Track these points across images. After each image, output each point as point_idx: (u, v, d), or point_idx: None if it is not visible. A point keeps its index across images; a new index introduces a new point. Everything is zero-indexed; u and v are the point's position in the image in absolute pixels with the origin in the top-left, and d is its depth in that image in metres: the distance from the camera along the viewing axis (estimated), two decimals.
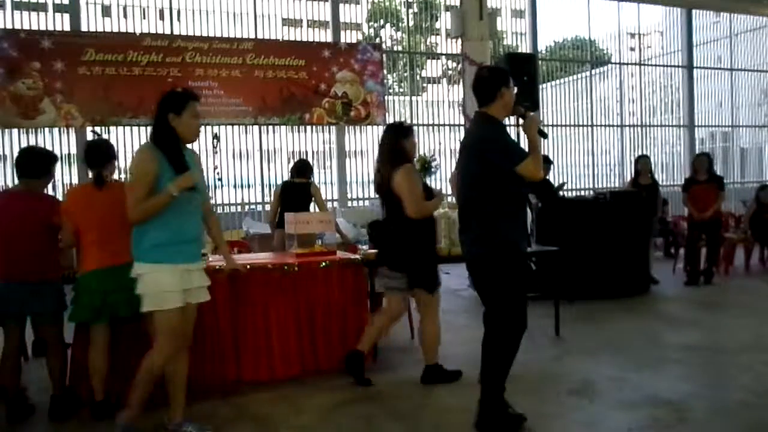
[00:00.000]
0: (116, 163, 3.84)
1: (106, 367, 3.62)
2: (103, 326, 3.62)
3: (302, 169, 6.16)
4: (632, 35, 14.97)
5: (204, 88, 8.30)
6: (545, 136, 3.29)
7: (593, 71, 12.53)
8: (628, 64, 13.38)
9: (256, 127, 8.97)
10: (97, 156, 3.75)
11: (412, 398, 3.82)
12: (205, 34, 8.72)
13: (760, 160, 13.85)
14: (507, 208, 3.14)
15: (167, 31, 8.64)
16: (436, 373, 4.01)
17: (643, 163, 7.91)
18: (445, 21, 11.49)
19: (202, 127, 3.43)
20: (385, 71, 9.78)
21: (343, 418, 3.54)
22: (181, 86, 3.97)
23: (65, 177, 8.32)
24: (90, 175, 3.76)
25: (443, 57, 13.32)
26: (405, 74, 11.46)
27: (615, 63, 13.25)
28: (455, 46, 9.91)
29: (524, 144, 3.24)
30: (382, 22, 16.28)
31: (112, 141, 8.40)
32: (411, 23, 11.43)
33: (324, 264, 4.27)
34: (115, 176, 3.85)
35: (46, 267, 3.62)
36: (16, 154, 3.75)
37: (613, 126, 12.28)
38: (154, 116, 3.20)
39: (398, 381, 4.16)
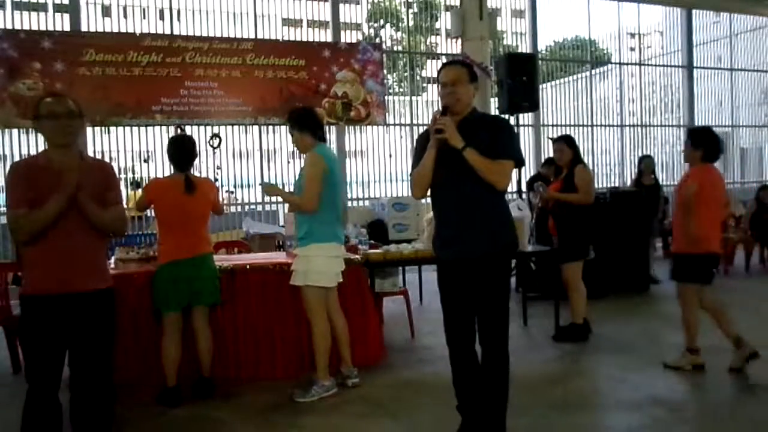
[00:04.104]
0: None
1: (179, 354, 3.78)
2: (175, 315, 3.78)
3: None
4: (632, 35, 14.97)
5: (204, 88, 8.29)
6: (440, 132, 2.81)
7: (593, 71, 12.52)
8: (628, 64, 13.36)
9: (256, 127, 8.96)
10: (185, 155, 3.89)
11: (412, 398, 3.82)
12: (205, 34, 8.70)
13: (760, 160, 13.83)
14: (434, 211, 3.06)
15: (167, 31, 8.63)
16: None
17: (646, 163, 7.92)
18: (445, 21, 11.47)
19: (202, 127, 3.53)
20: (385, 71, 9.77)
21: (343, 417, 3.55)
22: (180, 86, 4.14)
23: None
24: (172, 169, 3.89)
25: (443, 57, 13.31)
26: (405, 74, 11.46)
27: (615, 63, 13.23)
28: (455, 46, 9.89)
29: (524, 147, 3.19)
30: (382, 22, 16.28)
31: (112, 141, 8.49)
32: (411, 23, 11.42)
33: None
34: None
35: None
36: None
37: (613, 126, 12.26)
38: None
39: (398, 381, 4.16)
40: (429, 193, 3.02)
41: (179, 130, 5.35)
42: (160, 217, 3.86)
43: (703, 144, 4.23)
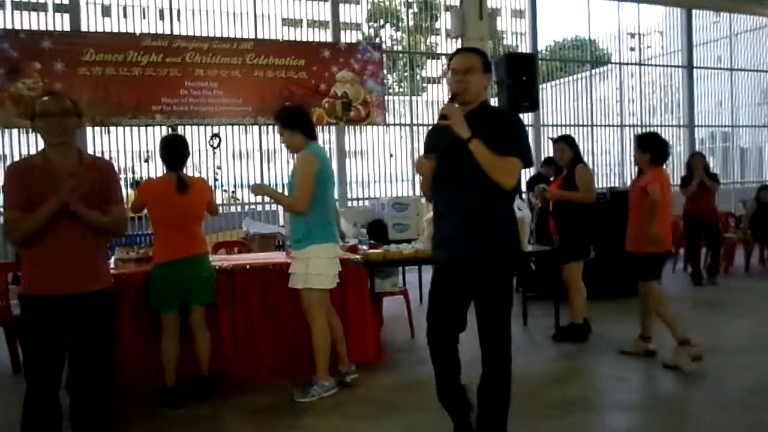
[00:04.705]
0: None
1: (177, 354, 3.78)
2: (172, 315, 3.78)
3: None
4: (632, 35, 14.97)
5: (204, 88, 8.30)
6: (445, 117, 2.74)
7: (593, 71, 12.53)
8: (628, 64, 13.36)
9: (256, 127, 8.96)
10: (176, 155, 3.88)
11: (412, 398, 3.82)
12: (205, 34, 8.71)
13: (760, 160, 13.84)
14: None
15: (167, 31, 8.63)
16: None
17: None
18: (445, 21, 11.48)
19: (202, 127, 3.52)
20: (385, 71, 9.77)
21: (343, 418, 3.55)
22: (180, 86, 4.11)
23: None
24: (165, 169, 3.89)
25: (443, 57, 13.32)
26: (405, 74, 11.46)
27: (615, 63, 13.23)
28: (455, 46, 9.90)
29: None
30: (382, 22, 16.29)
31: (112, 141, 8.50)
32: (411, 23, 11.42)
33: None
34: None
35: None
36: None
37: (613, 126, 12.27)
38: None
39: (398, 381, 4.16)
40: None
41: (171, 130, 5.35)
42: (154, 217, 3.86)
43: (650, 147, 4.49)
